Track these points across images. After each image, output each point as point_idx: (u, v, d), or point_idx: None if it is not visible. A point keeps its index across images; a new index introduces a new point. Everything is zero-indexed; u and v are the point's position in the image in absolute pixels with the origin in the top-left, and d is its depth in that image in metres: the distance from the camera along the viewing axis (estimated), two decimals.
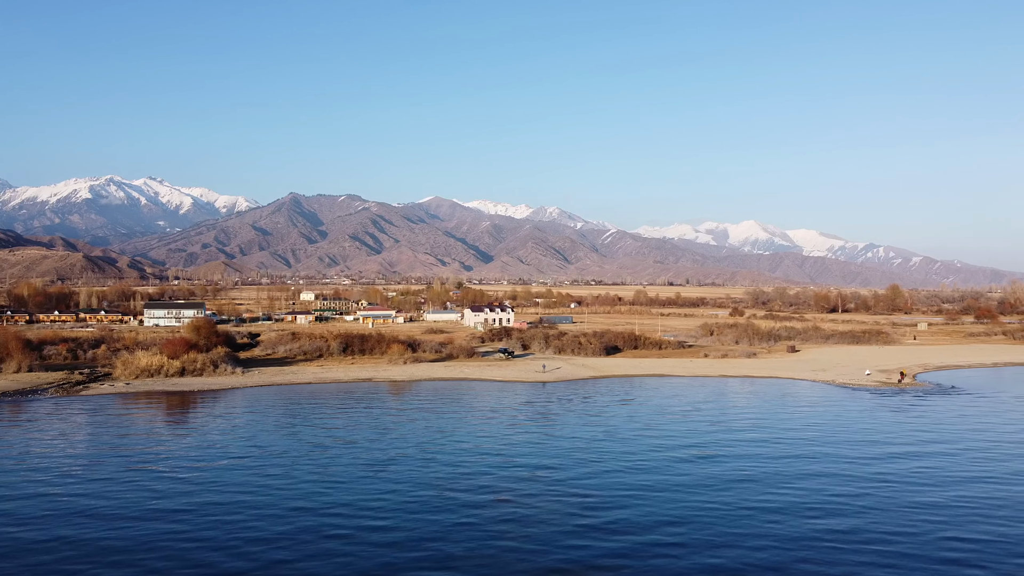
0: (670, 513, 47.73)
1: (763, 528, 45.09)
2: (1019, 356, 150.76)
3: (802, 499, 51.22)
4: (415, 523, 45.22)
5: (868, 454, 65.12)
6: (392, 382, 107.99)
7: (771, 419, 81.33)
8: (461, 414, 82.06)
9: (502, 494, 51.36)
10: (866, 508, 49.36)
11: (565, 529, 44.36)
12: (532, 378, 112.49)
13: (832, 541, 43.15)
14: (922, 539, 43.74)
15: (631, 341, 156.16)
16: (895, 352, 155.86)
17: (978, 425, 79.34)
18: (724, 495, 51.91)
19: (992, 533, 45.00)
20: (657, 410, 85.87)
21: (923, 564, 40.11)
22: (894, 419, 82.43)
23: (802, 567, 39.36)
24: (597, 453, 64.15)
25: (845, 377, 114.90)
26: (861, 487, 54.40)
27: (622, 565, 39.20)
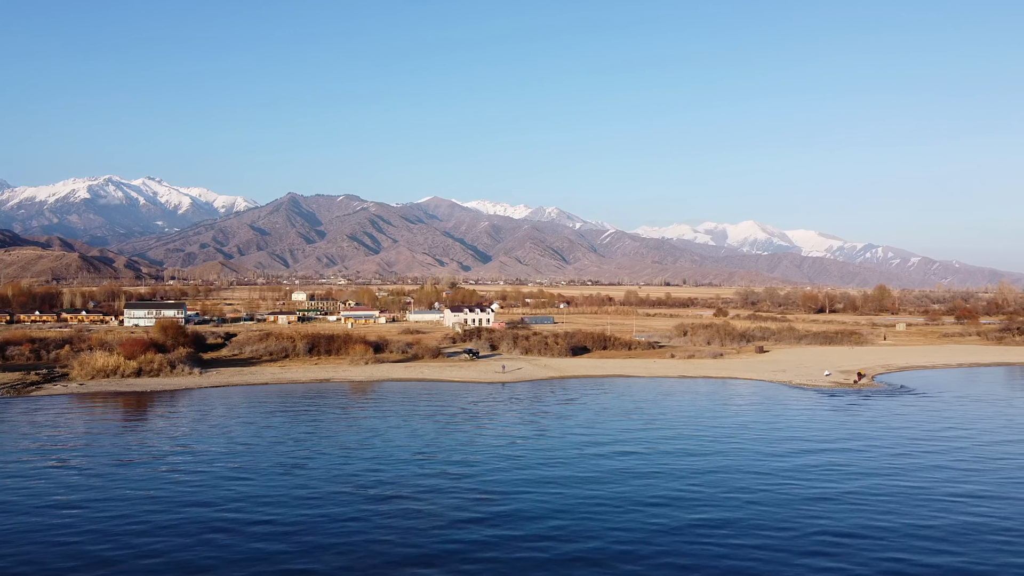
0: (556, 507, 48.84)
1: (635, 520, 46.43)
2: (985, 357, 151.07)
3: (691, 493, 52.60)
4: (301, 517, 46.31)
5: (781, 450, 66.51)
6: (350, 382, 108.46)
7: (707, 418, 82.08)
8: (402, 414, 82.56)
9: (404, 490, 52.14)
10: (749, 501, 50.66)
11: (445, 522, 45.52)
12: (491, 379, 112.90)
13: (699, 531, 44.46)
14: (790, 530, 45.01)
15: (601, 342, 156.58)
16: (864, 353, 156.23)
17: (904, 423, 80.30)
18: (619, 488, 53.23)
19: (861, 525, 46.28)
20: (599, 410, 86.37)
21: (785, 554, 41.07)
22: (829, 418, 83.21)
23: (655, 554, 40.87)
24: (519, 451, 64.93)
25: (803, 378, 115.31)
26: (755, 481, 55.74)
27: (484, 557, 40.13)
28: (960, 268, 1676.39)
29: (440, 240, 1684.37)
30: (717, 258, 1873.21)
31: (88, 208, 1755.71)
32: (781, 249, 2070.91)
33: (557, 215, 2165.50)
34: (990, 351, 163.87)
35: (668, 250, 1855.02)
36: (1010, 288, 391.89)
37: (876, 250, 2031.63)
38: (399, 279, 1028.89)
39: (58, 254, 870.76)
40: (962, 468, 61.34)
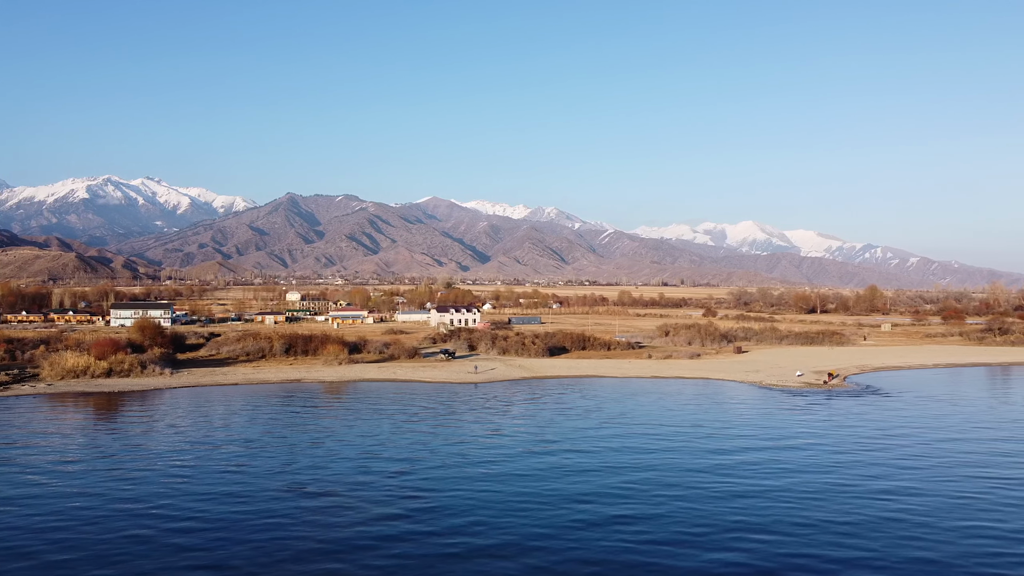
0: (481, 503, 49.66)
1: (556, 515, 47.34)
2: (962, 357, 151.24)
3: (622, 489, 53.44)
4: (227, 513, 47.03)
5: (726, 447, 67.59)
6: (321, 383, 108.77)
7: (663, 417, 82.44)
8: (362, 414, 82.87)
9: (339, 488, 52.75)
10: (675, 497, 51.70)
11: (367, 517, 46.43)
12: (462, 379, 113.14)
13: (615, 526, 45.42)
14: (704, 524, 46.00)
15: (580, 342, 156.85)
16: (843, 353, 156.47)
17: (857, 422, 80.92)
18: (552, 485, 54.22)
19: (776, 519, 47.14)
20: (560, 410, 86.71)
21: (691, 549, 41.86)
22: (784, 417, 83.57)
23: (563, 548, 41.68)
24: (466, 450, 65.42)
25: (774, 378, 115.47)
26: (689, 478, 56.86)
27: (395, 551, 40.94)
28: (959, 268, 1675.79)
29: (439, 240, 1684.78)
30: (716, 258, 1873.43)
31: (87, 208, 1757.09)
32: (780, 249, 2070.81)
33: (556, 215, 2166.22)
34: (969, 351, 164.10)
35: (667, 250, 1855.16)
36: (1002, 288, 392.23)
37: (875, 250, 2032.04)
38: (396, 279, 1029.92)
39: (55, 254, 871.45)
40: (897, 465, 61.89)
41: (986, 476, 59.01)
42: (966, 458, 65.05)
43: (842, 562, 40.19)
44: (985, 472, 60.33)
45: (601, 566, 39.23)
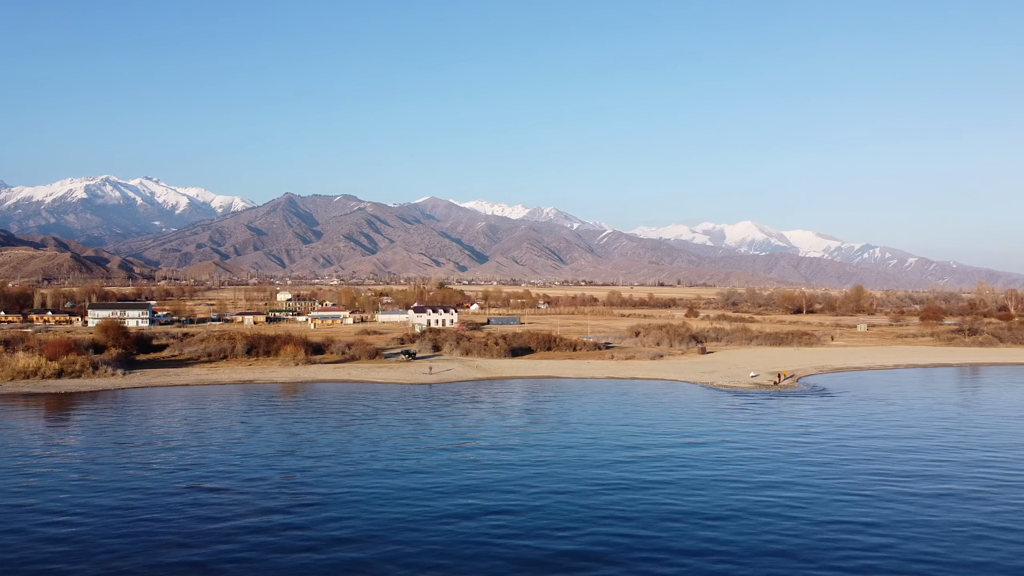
0: (356, 498, 51.15)
1: (423, 508, 49.18)
2: (926, 358, 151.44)
3: (506, 484, 55.33)
4: (102, 507, 48.53)
5: (632, 443, 69.87)
6: (273, 383, 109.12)
7: (593, 417, 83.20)
8: (295, 415, 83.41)
9: (232, 485, 54.00)
10: (554, 491, 53.45)
11: (241, 513, 47.64)
12: (416, 380, 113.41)
13: (478, 518, 47.02)
14: (566, 516, 47.77)
15: (546, 343, 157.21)
16: (808, 354, 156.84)
17: (780, 421, 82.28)
18: (437, 479, 56.36)
19: (642, 510, 49.08)
20: (496, 409, 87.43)
21: (541, 538, 43.42)
22: (713, 416, 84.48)
23: (413, 540, 43.17)
24: (376, 449, 66.27)
25: (727, 379, 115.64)
26: (580, 472, 58.94)
27: (256, 541, 42.42)
28: (957, 268, 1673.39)
29: (437, 240, 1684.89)
30: (714, 259, 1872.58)
31: (85, 208, 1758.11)
32: (779, 250, 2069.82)
33: (555, 215, 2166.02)
34: (936, 352, 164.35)
35: (665, 250, 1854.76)
36: (989, 289, 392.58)
37: (874, 250, 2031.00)
38: (392, 279, 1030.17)
39: (50, 254, 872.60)
40: (793, 461, 63.55)
41: (875, 472, 60.40)
42: (868, 455, 66.43)
43: (681, 552, 41.77)
44: (876, 468, 61.77)
45: (449, 558, 40.22)
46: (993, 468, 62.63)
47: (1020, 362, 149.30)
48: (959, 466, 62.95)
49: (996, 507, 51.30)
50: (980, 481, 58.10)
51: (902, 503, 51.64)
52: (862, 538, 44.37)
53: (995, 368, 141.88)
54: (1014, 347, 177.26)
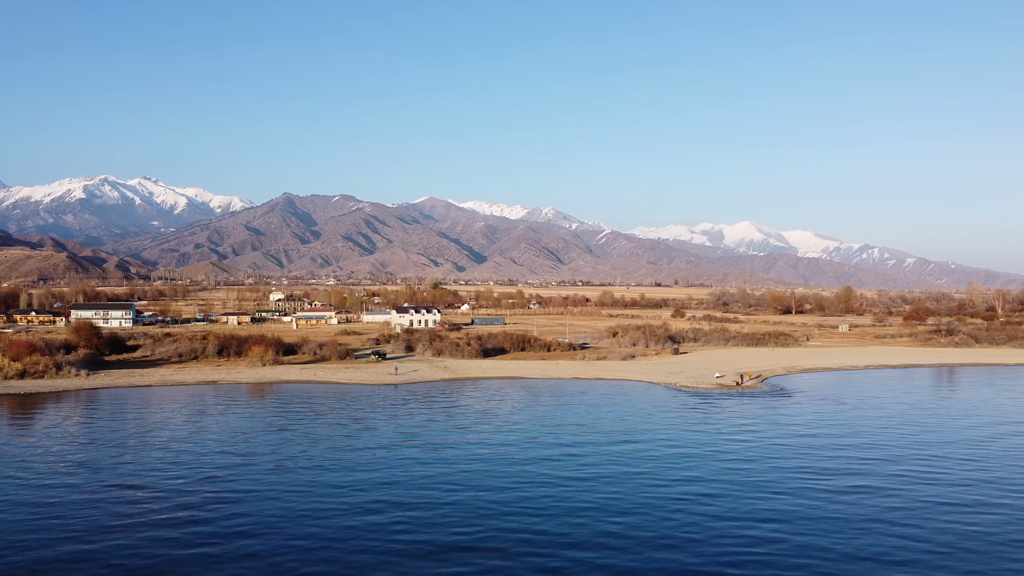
0: (270, 496, 52.03)
1: (334, 503, 50.33)
2: (897, 358, 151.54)
3: (425, 481, 56.53)
4: (23, 503, 49.91)
5: (565, 441, 71.02)
6: (236, 384, 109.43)
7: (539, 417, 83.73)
8: (244, 415, 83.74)
9: (148, 481, 55.38)
10: (474, 486, 54.83)
11: (156, 508, 48.93)
12: (381, 380, 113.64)
13: (387, 512, 48.37)
14: (475, 509, 49.33)
15: (520, 343, 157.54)
16: (782, 354, 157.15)
17: (723, 421, 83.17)
18: (355, 476, 57.58)
19: (547, 505, 50.33)
20: (446, 410, 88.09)
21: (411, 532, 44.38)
22: (659, 416, 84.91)
23: (309, 534, 44.03)
24: (309, 450, 66.81)
25: (690, 380, 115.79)
26: (500, 468, 60.39)
27: (161, 536, 43.53)
28: (956, 269, 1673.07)
29: (435, 240, 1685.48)
30: (713, 259, 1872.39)
31: (84, 208, 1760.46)
32: (777, 250, 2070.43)
33: (553, 216, 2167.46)
34: (910, 352, 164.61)
35: (663, 251, 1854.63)
36: (979, 289, 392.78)
37: (872, 251, 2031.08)
38: (388, 279, 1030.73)
39: (46, 254, 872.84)
40: (716, 459, 64.77)
41: (796, 468, 61.73)
42: (797, 452, 67.64)
43: (572, 544, 43.22)
44: (799, 464, 63.12)
45: (339, 550, 41.64)
46: (914, 464, 63.70)
47: (991, 362, 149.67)
48: (881, 463, 63.93)
49: (900, 502, 52.52)
50: (896, 478, 58.88)
51: (808, 498, 52.85)
52: (754, 531, 45.81)
53: (965, 368, 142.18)
54: (989, 347, 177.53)
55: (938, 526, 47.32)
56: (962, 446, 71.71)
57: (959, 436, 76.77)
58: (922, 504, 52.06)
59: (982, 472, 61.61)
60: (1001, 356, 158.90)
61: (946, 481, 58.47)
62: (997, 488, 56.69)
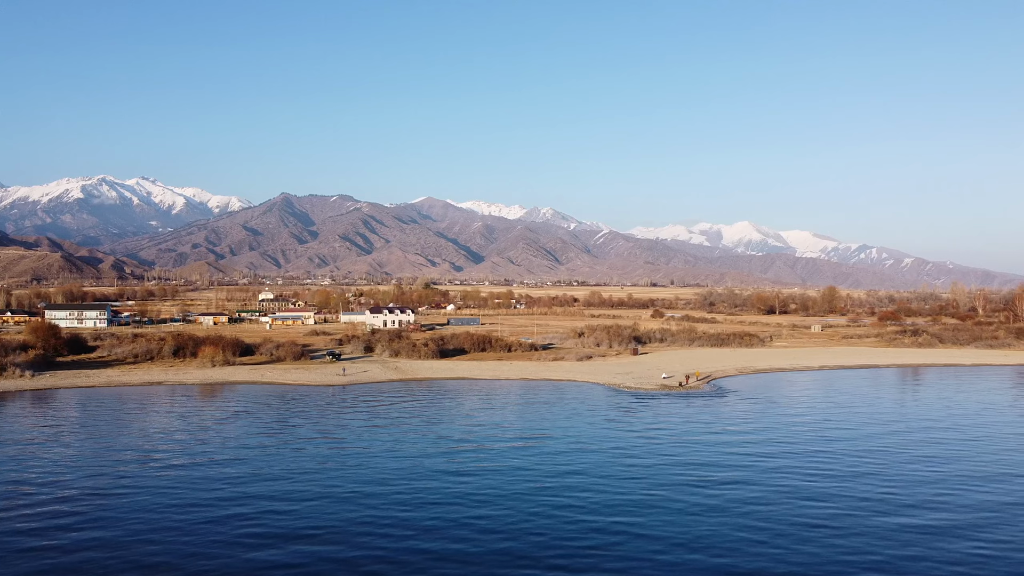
0: (158, 493, 53.32)
1: (211, 497, 51.82)
2: (856, 359, 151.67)
3: (283, 472, 59.32)
4: None
5: (469, 438, 72.95)
6: (182, 385, 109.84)
7: (456, 418, 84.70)
8: (166, 416, 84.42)
9: (18, 476, 57.01)
10: (376, 481, 56.50)
11: (6, 506, 49.84)
12: (328, 381, 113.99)
13: (271, 504, 50.36)
14: (360, 502, 51.02)
15: (481, 344, 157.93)
16: (742, 354, 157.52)
17: (637, 420, 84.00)
18: (239, 470, 59.72)
19: (436, 499, 49.63)
20: (372, 410, 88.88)
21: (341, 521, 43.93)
22: (579, 418, 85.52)
23: (179, 531, 45.35)
24: (203, 446, 68.26)
25: (637, 381, 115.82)
26: (394, 463, 62.57)
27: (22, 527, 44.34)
28: (954, 269, 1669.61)
29: (433, 240, 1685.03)
30: (711, 259, 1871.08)
31: (82, 208, 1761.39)
32: (776, 250, 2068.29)
33: (552, 216, 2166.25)
34: (871, 353, 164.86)
35: (661, 251, 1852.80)
36: (962, 289, 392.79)
37: (870, 251, 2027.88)
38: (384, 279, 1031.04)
39: (40, 254, 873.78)
40: (604, 455, 66.59)
41: (674, 463, 63.63)
42: (689, 449, 69.07)
43: (410, 532, 45.58)
44: (681, 459, 65.01)
45: (170, 540, 43.14)
46: (796, 460, 65.80)
47: (948, 363, 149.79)
48: (763, 459, 65.96)
49: (754, 491, 54.84)
50: (772, 476, 59.72)
51: (668, 490, 55.18)
52: (597, 521, 48.19)
53: (918, 368, 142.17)
54: (953, 348, 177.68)
55: (785, 516, 49.50)
56: (855, 443, 73.32)
57: (859, 433, 78.16)
58: (778, 496, 54.09)
59: (847, 466, 63.91)
60: (960, 356, 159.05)
61: (812, 474, 60.77)
62: (847, 480, 59.05)
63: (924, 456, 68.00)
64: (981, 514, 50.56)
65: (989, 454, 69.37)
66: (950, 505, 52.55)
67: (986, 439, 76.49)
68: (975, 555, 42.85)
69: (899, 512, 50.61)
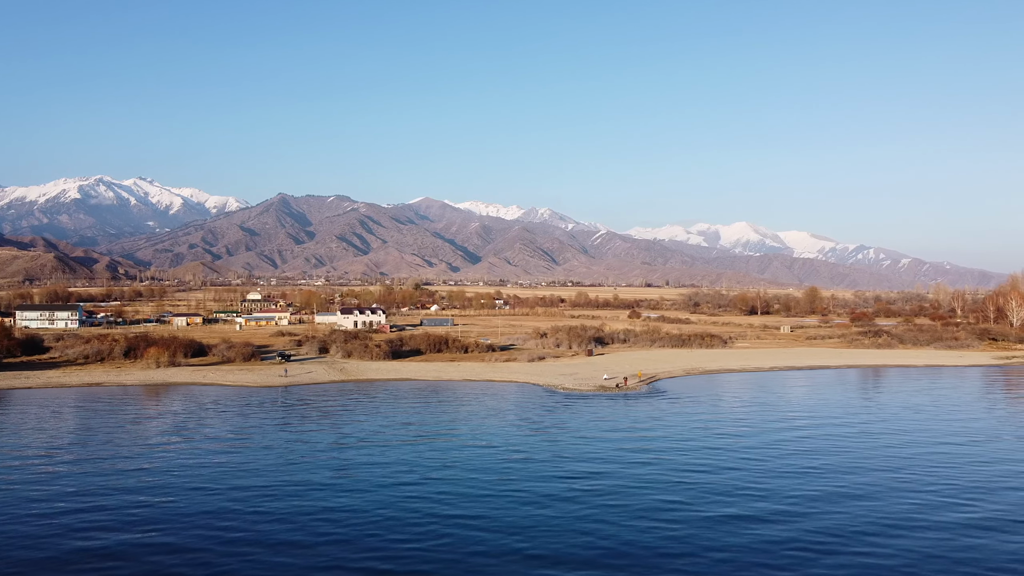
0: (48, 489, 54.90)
1: (54, 495, 52.93)
2: (810, 360, 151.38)
3: (159, 467, 61.86)
4: None
5: (371, 439, 73.83)
6: (122, 386, 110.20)
7: (373, 419, 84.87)
8: (85, 417, 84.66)
9: None
10: (214, 483, 55.43)
11: None
12: (269, 382, 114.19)
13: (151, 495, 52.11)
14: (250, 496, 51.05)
15: (437, 345, 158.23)
16: (698, 355, 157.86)
17: (549, 420, 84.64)
18: (110, 463, 57.97)
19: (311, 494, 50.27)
20: (296, 411, 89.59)
21: None
22: (497, 417, 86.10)
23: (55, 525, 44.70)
24: (104, 447, 68.96)
25: (576, 382, 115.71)
26: (253, 465, 63.14)
27: None
28: (951, 269, 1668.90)
29: (430, 241, 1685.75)
30: (708, 259, 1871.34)
31: (79, 208, 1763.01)
32: (773, 250, 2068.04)
33: (550, 216, 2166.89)
34: (828, 353, 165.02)
35: (659, 251, 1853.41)
36: (944, 289, 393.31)
37: (868, 251, 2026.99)
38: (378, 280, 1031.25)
39: (33, 255, 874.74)
40: (490, 453, 67.76)
41: (546, 462, 64.60)
42: (582, 450, 69.48)
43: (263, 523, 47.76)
44: (553, 457, 66.39)
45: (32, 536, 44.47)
46: (669, 455, 67.76)
47: (901, 363, 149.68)
48: (633, 453, 67.92)
49: (609, 483, 56.80)
50: (635, 477, 60.43)
51: (528, 484, 56.96)
52: (447, 510, 50.38)
53: (867, 370, 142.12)
54: (912, 348, 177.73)
55: (628, 504, 52.06)
56: (740, 440, 74.86)
57: (752, 431, 79.28)
58: (631, 487, 56.32)
59: (717, 460, 65.77)
60: (915, 358, 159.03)
61: (676, 469, 62.49)
62: (708, 474, 60.99)
63: (795, 451, 69.52)
64: (801, 504, 52.67)
65: (862, 450, 70.62)
66: (776, 495, 54.69)
67: (870, 436, 77.32)
68: (769, 540, 45.49)
69: (728, 503, 52.76)
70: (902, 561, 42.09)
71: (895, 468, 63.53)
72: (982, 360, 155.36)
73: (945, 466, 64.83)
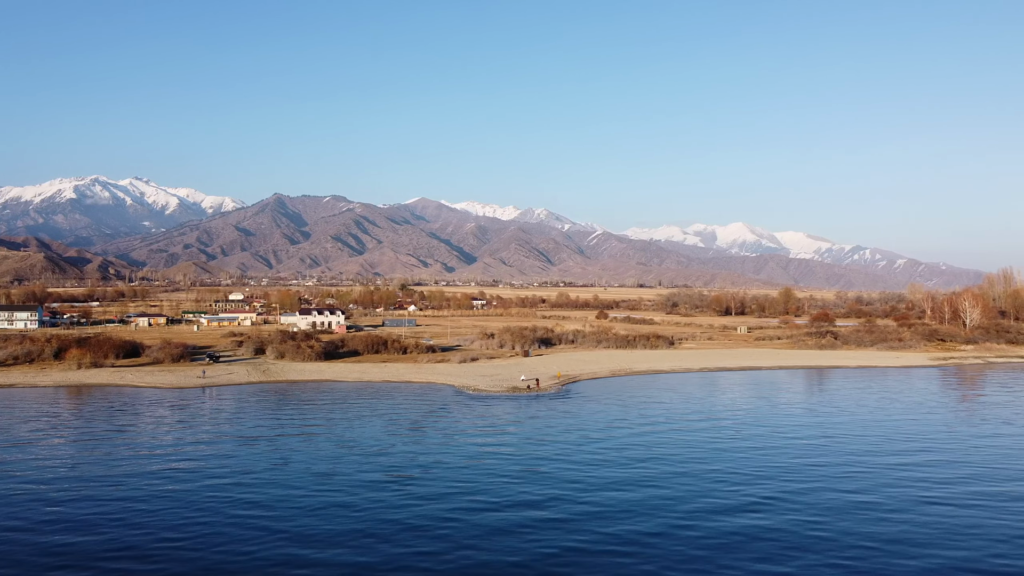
0: None
1: None
2: (748, 361, 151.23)
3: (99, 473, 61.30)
4: None
5: (252, 443, 72.03)
6: (34, 388, 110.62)
7: (263, 421, 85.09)
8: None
9: None
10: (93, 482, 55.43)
11: None
12: (187, 384, 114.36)
13: None
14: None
15: (375, 346, 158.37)
16: (637, 356, 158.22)
17: (437, 421, 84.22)
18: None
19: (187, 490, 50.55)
20: (194, 412, 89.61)
21: None
22: (387, 418, 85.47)
23: None
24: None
25: (491, 383, 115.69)
26: (126, 465, 61.66)
27: None
28: (946, 270, 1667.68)
29: (425, 241, 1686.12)
30: (704, 260, 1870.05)
31: (74, 208, 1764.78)
32: (770, 251, 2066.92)
33: (546, 216, 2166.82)
34: (768, 354, 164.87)
35: (655, 252, 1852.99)
36: (919, 290, 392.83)
37: (864, 252, 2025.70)
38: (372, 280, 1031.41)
39: (23, 255, 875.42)
40: (365, 452, 69.08)
41: (411, 463, 65.34)
42: (465, 450, 70.54)
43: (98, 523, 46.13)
44: (429, 459, 67.00)
45: None
46: (533, 455, 68.75)
47: (833, 364, 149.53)
48: (498, 456, 67.85)
49: (481, 497, 55.95)
50: (488, 466, 60.92)
51: (364, 488, 57.54)
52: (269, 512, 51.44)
53: (796, 371, 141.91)
54: (854, 349, 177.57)
55: (459, 503, 53.24)
56: (616, 440, 75.73)
57: (628, 433, 79.88)
58: (478, 486, 57.54)
59: (574, 460, 66.79)
60: (851, 358, 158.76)
61: (524, 471, 62.78)
62: (558, 474, 61.96)
63: (663, 455, 69.37)
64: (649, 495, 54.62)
65: (734, 451, 71.13)
66: (619, 484, 57.01)
67: (751, 438, 77.78)
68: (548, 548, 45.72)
69: (567, 498, 54.33)
70: None
71: (713, 465, 65.62)
72: (917, 361, 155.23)
73: (741, 458, 68.35)
